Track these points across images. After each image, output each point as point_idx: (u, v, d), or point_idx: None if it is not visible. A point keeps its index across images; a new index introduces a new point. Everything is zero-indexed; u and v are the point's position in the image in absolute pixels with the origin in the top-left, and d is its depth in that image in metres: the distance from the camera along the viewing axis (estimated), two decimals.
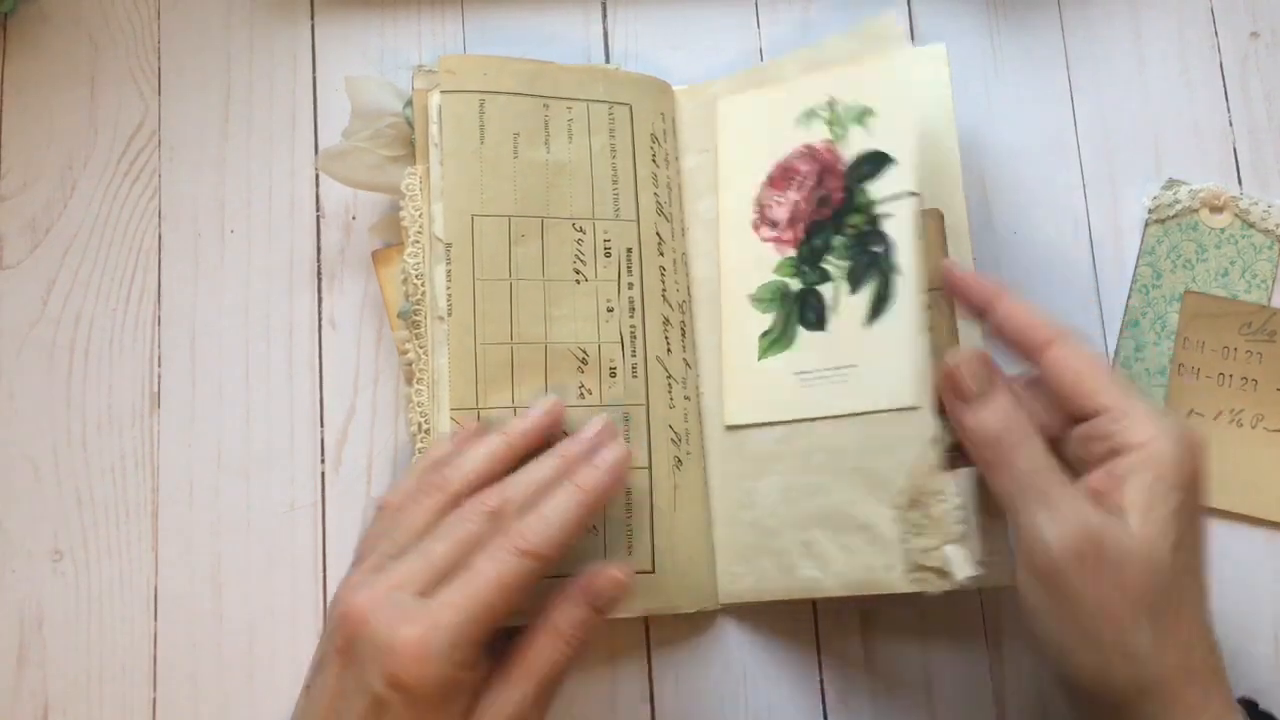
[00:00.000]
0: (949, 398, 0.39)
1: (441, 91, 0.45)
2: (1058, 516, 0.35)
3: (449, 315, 0.43)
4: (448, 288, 0.43)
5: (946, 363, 0.39)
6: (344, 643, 0.36)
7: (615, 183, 0.46)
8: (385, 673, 0.34)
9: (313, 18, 0.51)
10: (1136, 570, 0.34)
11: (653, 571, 0.44)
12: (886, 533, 0.41)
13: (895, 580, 0.40)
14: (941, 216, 0.46)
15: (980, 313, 0.41)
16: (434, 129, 0.45)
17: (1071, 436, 0.38)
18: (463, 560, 0.36)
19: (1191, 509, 0.36)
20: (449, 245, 0.44)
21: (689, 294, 0.48)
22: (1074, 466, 0.37)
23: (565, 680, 0.38)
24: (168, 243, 0.49)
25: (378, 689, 0.35)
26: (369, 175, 0.47)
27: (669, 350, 0.46)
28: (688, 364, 0.46)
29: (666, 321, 0.46)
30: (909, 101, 0.44)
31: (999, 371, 0.39)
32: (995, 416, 0.38)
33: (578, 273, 0.45)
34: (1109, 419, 0.36)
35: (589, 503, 0.38)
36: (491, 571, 0.36)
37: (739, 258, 0.47)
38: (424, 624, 0.34)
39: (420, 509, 0.38)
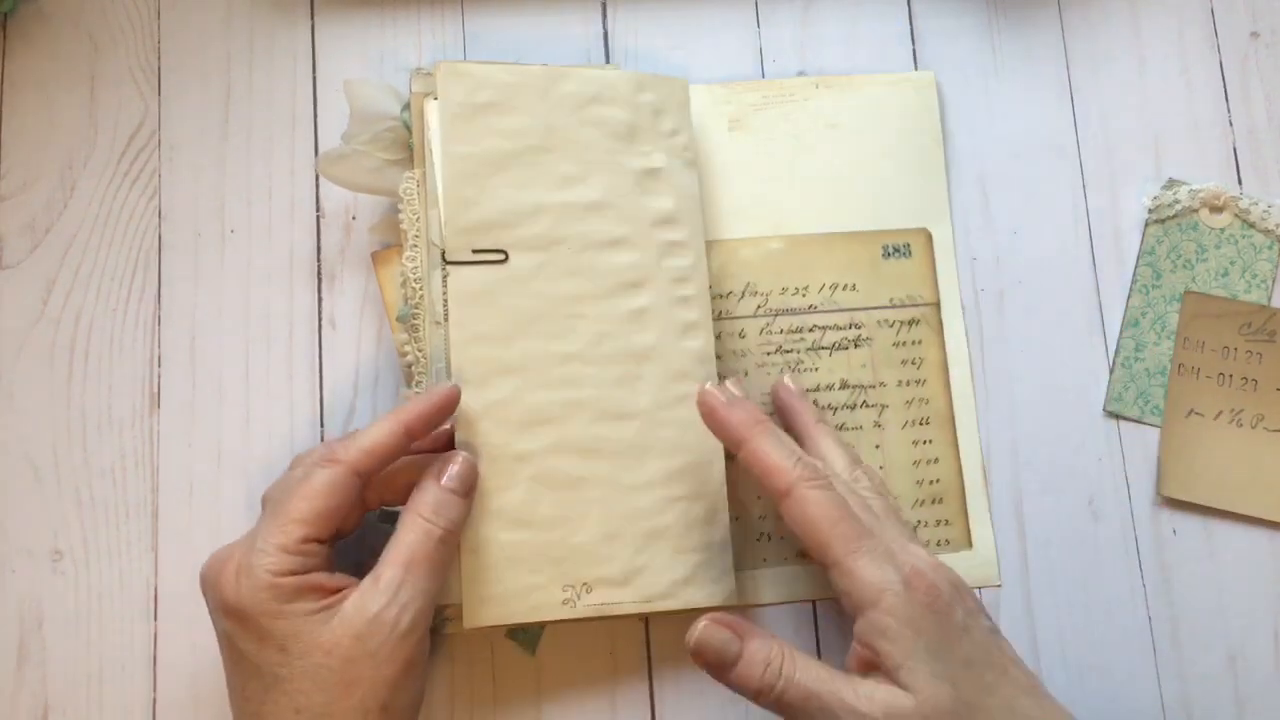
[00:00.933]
0: (712, 672, 0.38)
1: (436, 99, 0.44)
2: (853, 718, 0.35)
3: (445, 320, 0.43)
4: (444, 293, 0.43)
5: (689, 644, 0.38)
6: (208, 610, 0.39)
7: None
8: (218, 606, 0.38)
9: (313, 18, 0.51)
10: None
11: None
12: None
13: None
14: (930, 236, 0.47)
15: (734, 450, 0.41)
16: (430, 135, 0.44)
17: None
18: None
19: (945, 639, 0.36)
20: (443, 252, 0.43)
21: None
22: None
23: (440, 567, 0.39)
24: (168, 243, 0.49)
25: (220, 624, 0.38)
26: (368, 178, 0.47)
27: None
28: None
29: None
30: None
31: (741, 624, 0.38)
32: (754, 670, 0.37)
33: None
34: (840, 575, 0.37)
35: (398, 421, 0.40)
36: (299, 485, 0.39)
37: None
38: (237, 549, 0.38)
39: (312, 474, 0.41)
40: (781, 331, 0.48)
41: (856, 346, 0.48)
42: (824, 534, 0.38)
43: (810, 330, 0.48)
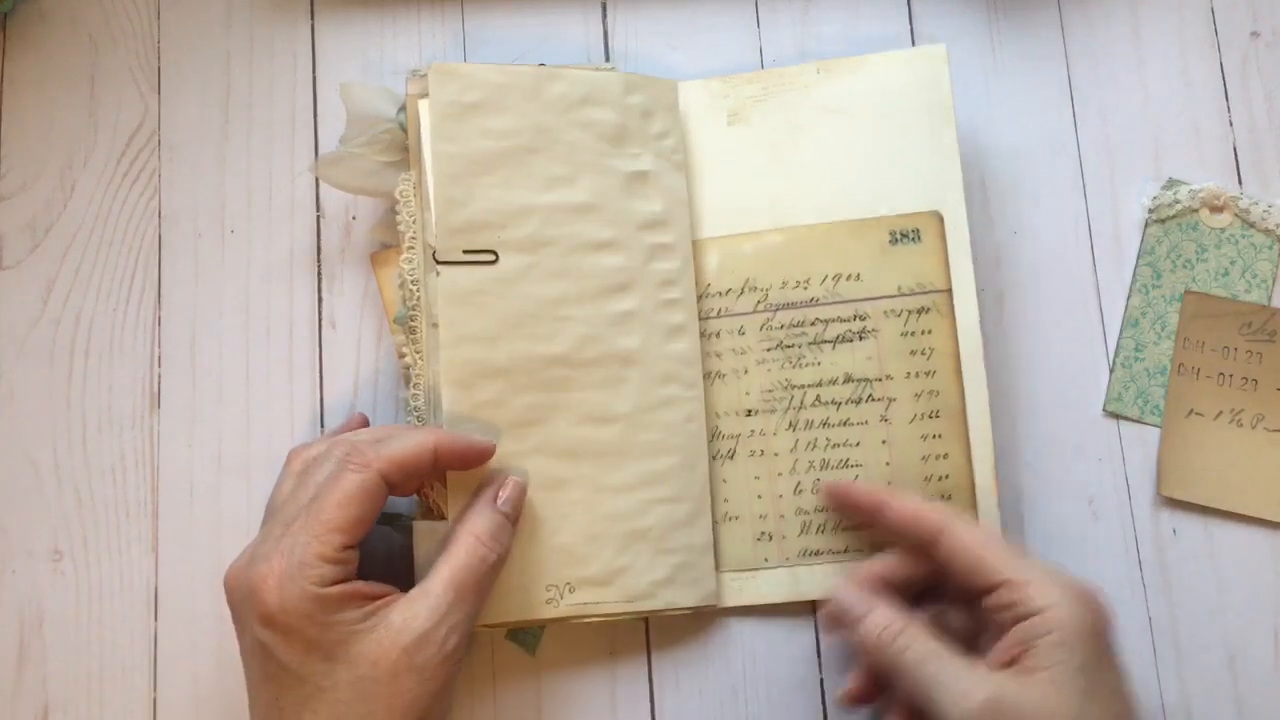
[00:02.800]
0: (838, 632, 0.42)
1: (429, 101, 0.44)
2: (955, 696, 0.37)
3: (440, 323, 0.43)
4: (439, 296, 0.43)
5: (824, 605, 0.43)
6: (233, 618, 0.39)
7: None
8: (256, 617, 0.37)
9: (313, 18, 0.51)
10: None
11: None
12: None
13: None
14: (941, 219, 0.46)
15: (870, 522, 0.44)
16: (424, 137, 0.44)
17: (983, 607, 0.40)
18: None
19: (1098, 660, 0.38)
20: (434, 252, 0.43)
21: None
22: (990, 630, 0.40)
23: (488, 592, 0.40)
24: (168, 243, 0.49)
25: (258, 635, 0.37)
26: (365, 181, 0.47)
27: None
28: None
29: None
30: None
31: (876, 586, 0.42)
32: (875, 628, 0.40)
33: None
34: (1009, 589, 0.39)
35: (435, 442, 0.40)
36: (330, 491, 0.38)
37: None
38: (274, 558, 0.37)
39: (298, 481, 0.41)
40: (782, 326, 0.47)
41: (861, 339, 0.47)
42: (992, 556, 0.40)
43: (812, 324, 0.47)
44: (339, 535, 0.37)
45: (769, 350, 0.47)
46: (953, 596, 0.42)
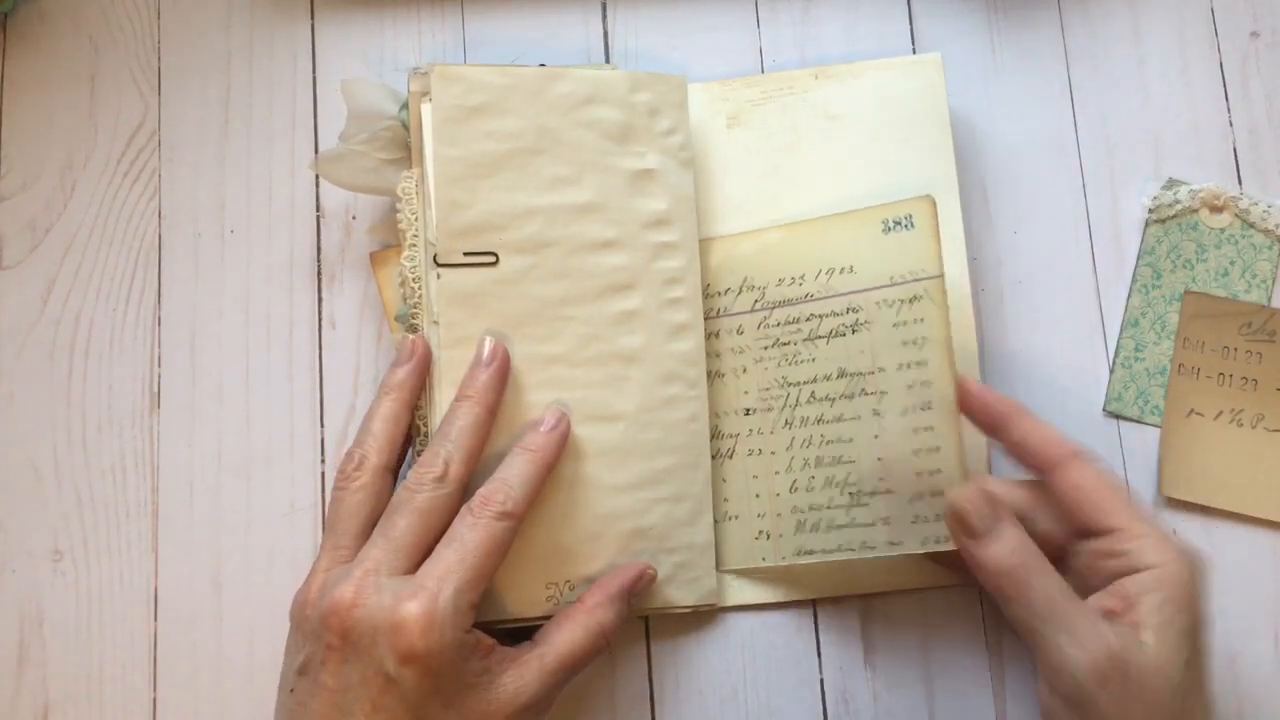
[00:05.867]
0: (957, 535, 0.40)
1: (431, 106, 0.44)
2: (1078, 640, 0.37)
3: (440, 324, 0.43)
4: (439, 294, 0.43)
5: (951, 501, 0.40)
6: (338, 638, 0.37)
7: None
8: (396, 651, 0.36)
9: (313, 18, 0.51)
10: (1156, 688, 0.36)
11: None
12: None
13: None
14: (934, 203, 0.45)
15: (994, 430, 0.43)
16: (426, 141, 0.44)
17: (1081, 549, 0.40)
18: (426, 530, 0.39)
19: (1197, 628, 0.38)
20: (437, 254, 0.43)
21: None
22: (1081, 575, 0.40)
23: (583, 669, 0.41)
24: (168, 243, 0.49)
25: (389, 669, 0.36)
26: (366, 178, 0.47)
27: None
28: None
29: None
30: None
31: (1003, 504, 0.40)
32: (1005, 551, 0.39)
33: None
34: (1121, 538, 0.38)
35: (543, 460, 0.41)
36: (476, 538, 0.39)
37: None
38: (423, 597, 0.37)
39: (352, 494, 0.41)
40: (779, 324, 0.47)
41: (854, 332, 0.46)
42: (1113, 500, 0.39)
43: (807, 320, 0.47)
44: (484, 583, 0.39)
45: (766, 349, 0.47)
46: (1049, 534, 0.41)
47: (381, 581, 0.38)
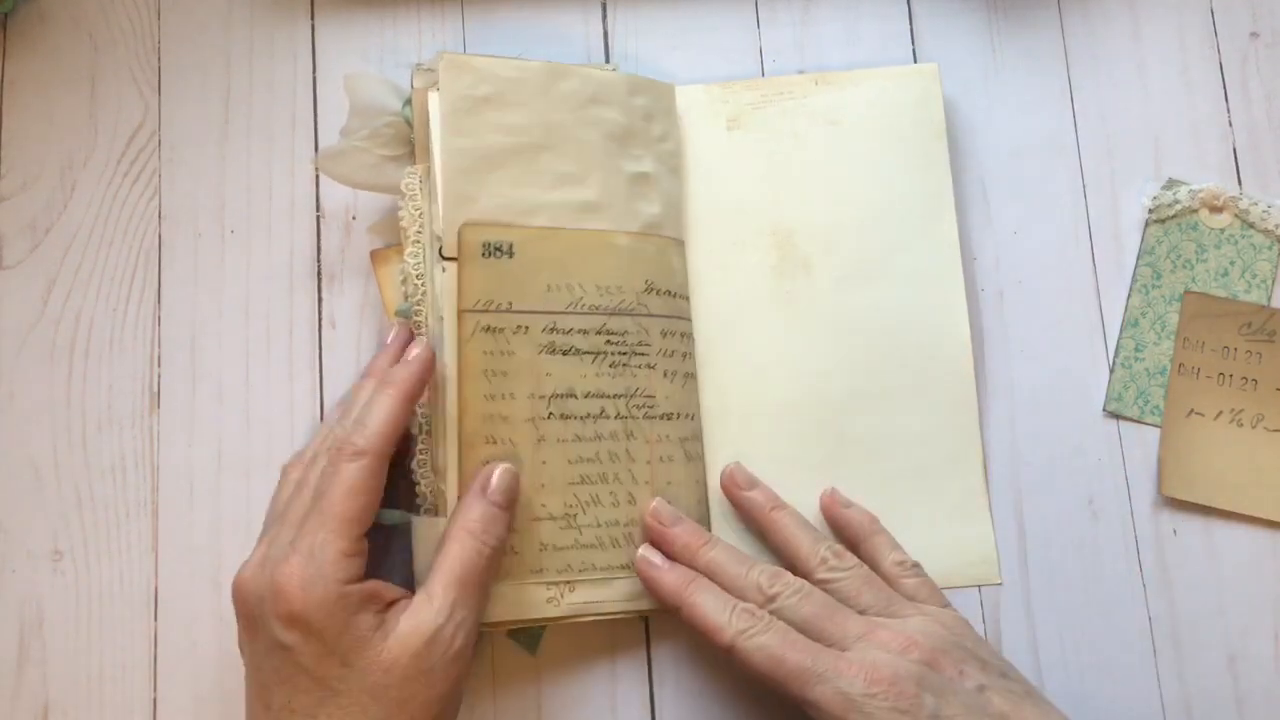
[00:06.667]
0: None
1: (439, 94, 0.44)
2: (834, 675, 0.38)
3: (445, 318, 0.43)
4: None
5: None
6: (242, 620, 0.39)
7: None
8: (279, 616, 0.37)
9: (313, 17, 0.51)
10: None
11: None
12: None
13: None
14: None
15: (674, 614, 0.43)
16: (434, 130, 0.44)
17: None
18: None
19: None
20: (442, 247, 0.43)
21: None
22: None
23: (489, 584, 0.40)
24: (168, 243, 0.49)
25: (279, 636, 0.37)
26: (367, 175, 0.47)
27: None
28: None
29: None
30: None
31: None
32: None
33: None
34: (809, 709, 0.38)
35: (400, 394, 0.40)
36: (333, 485, 0.38)
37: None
38: (294, 558, 0.37)
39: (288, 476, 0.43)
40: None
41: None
42: (777, 680, 0.39)
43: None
44: (354, 526, 0.38)
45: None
46: None
47: (268, 554, 0.38)
